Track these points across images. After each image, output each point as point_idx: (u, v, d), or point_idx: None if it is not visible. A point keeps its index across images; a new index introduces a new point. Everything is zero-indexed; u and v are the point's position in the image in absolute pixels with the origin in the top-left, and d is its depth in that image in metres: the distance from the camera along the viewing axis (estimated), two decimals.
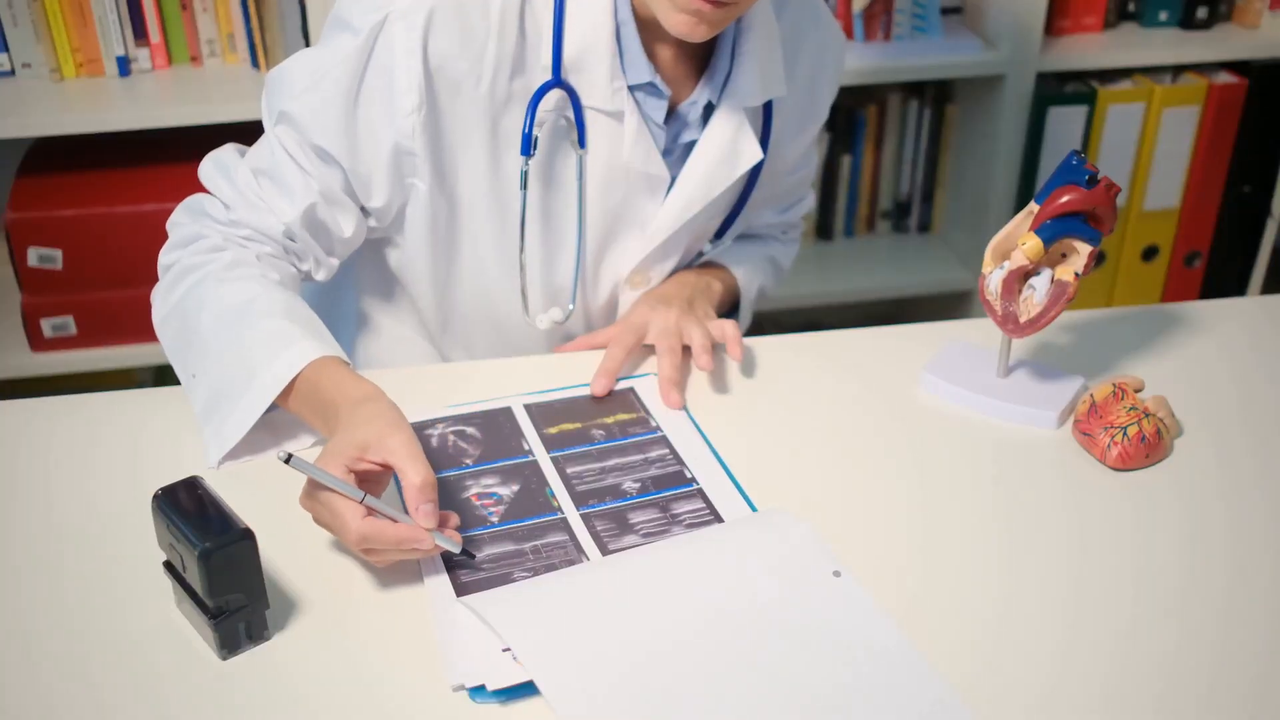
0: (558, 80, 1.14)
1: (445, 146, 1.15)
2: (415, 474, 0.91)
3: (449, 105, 1.13)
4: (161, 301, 1.15)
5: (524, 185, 1.17)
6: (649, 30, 1.15)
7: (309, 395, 1.03)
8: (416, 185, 1.17)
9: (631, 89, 1.16)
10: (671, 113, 1.20)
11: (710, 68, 1.20)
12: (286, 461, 0.88)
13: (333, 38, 1.13)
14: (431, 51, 1.10)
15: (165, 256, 1.17)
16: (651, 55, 1.16)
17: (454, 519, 0.96)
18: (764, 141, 1.26)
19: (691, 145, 1.22)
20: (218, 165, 1.18)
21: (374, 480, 0.94)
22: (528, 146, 1.15)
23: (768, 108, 1.26)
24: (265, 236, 1.15)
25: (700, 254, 1.35)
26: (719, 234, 1.33)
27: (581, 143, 1.18)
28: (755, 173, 1.28)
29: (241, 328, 1.07)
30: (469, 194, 1.19)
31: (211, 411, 1.07)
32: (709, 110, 1.21)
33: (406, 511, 0.92)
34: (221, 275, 1.10)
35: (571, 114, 1.16)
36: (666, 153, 1.22)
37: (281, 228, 1.15)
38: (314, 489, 0.92)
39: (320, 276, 1.21)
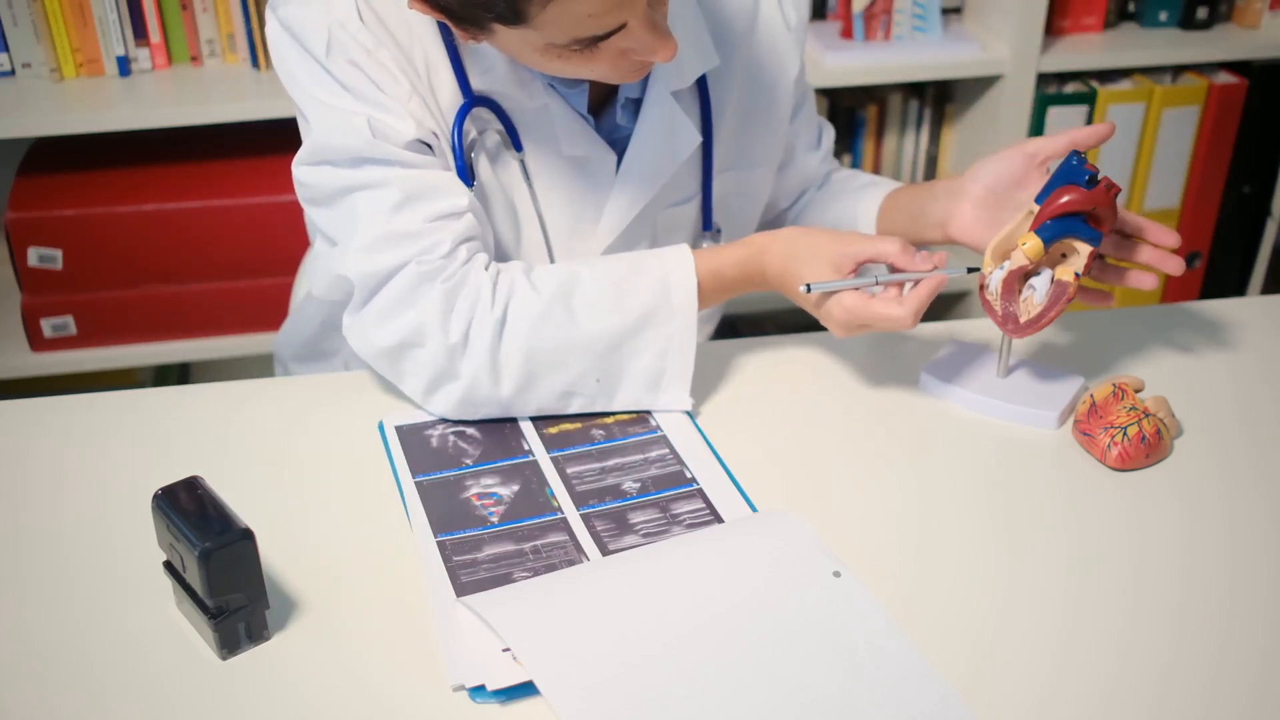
0: (472, 100, 1.11)
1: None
2: (891, 243, 1.08)
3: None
4: (499, 382, 1.09)
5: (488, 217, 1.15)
6: None
7: (717, 286, 1.14)
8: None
9: (547, 82, 1.14)
10: (605, 106, 1.18)
11: None
12: (807, 291, 1.08)
13: (313, 78, 1.08)
14: (380, 38, 1.07)
15: (440, 360, 1.07)
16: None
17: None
18: (706, 117, 1.23)
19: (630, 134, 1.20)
20: (366, 251, 1.07)
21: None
22: (466, 177, 1.12)
23: (702, 86, 1.22)
24: (468, 239, 1.09)
25: (715, 237, 1.30)
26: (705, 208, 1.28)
27: (517, 146, 1.15)
28: (709, 148, 1.24)
29: (610, 315, 1.09)
30: None
31: (657, 377, 1.12)
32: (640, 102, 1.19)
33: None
34: (529, 316, 1.07)
35: (499, 124, 1.14)
36: (612, 143, 1.19)
37: (468, 214, 1.09)
38: (851, 324, 1.09)
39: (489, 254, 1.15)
